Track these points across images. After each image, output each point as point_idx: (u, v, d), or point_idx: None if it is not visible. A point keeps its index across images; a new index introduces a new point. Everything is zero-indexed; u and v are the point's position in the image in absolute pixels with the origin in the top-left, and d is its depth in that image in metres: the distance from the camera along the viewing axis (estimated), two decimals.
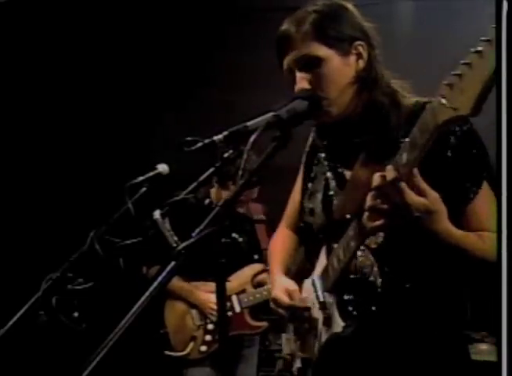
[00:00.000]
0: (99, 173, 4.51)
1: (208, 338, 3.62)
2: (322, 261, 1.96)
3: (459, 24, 4.14)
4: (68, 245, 2.27)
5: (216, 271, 1.44)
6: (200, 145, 1.59)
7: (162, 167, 2.32)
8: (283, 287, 2.04)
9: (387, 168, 1.53)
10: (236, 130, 1.58)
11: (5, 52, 4.53)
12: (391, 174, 1.51)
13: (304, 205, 2.04)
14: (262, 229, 3.83)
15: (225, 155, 1.57)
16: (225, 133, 1.59)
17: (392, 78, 1.86)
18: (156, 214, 1.57)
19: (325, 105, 1.79)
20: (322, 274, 1.93)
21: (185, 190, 1.66)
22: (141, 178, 2.25)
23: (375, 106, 1.83)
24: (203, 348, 3.61)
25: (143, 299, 1.30)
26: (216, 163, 1.59)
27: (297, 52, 1.80)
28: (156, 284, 1.32)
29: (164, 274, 1.32)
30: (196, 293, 3.65)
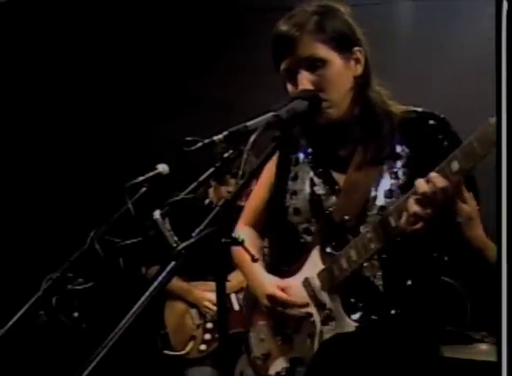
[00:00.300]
0: (99, 173, 4.51)
1: (207, 336, 3.62)
2: (316, 261, 1.93)
3: (459, 24, 4.13)
4: (68, 245, 2.27)
5: (216, 271, 1.43)
6: (200, 145, 1.59)
7: (162, 167, 2.32)
8: (274, 283, 2.01)
9: (432, 174, 1.56)
10: (236, 130, 1.58)
11: (5, 52, 4.53)
12: (441, 181, 1.55)
13: (286, 205, 2.01)
14: None
15: (225, 155, 1.57)
16: (225, 133, 1.58)
17: (377, 85, 1.88)
18: (156, 214, 1.56)
19: (325, 106, 1.79)
20: (320, 274, 1.92)
21: (184, 190, 1.66)
22: (141, 178, 2.25)
23: (370, 112, 1.85)
24: (203, 347, 3.61)
25: (143, 299, 1.30)
26: (216, 163, 1.59)
27: (300, 53, 1.80)
28: (156, 284, 1.32)
29: (164, 274, 1.32)
30: (194, 292, 3.65)
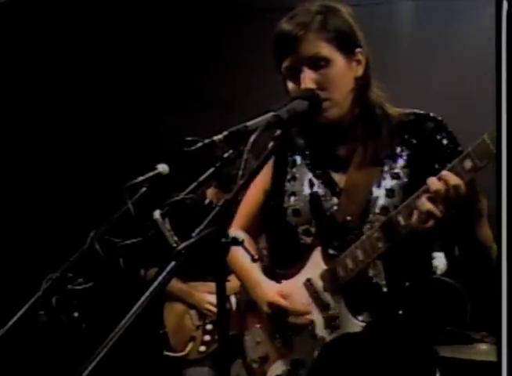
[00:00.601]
0: (99, 173, 4.51)
1: (207, 338, 3.62)
2: (317, 262, 1.93)
3: (460, 24, 4.13)
4: (68, 245, 2.27)
5: (216, 271, 1.43)
6: (200, 145, 1.59)
7: (162, 167, 2.32)
8: (275, 290, 1.98)
9: (445, 172, 1.57)
10: (236, 130, 1.58)
11: (5, 52, 4.52)
12: (454, 179, 1.55)
13: (284, 206, 1.99)
14: None
15: (225, 155, 1.57)
16: (225, 133, 1.58)
17: (375, 87, 1.89)
18: (156, 214, 1.56)
19: (326, 106, 1.79)
20: (322, 275, 1.92)
21: (184, 190, 1.66)
22: (141, 178, 2.24)
23: (369, 113, 1.85)
24: (202, 348, 3.61)
25: (143, 299, 1.30)
26: (216, 163, 1.59)
27: (304, 52, 1.80)
28: (156, 284, 1.31)
29: (164, 274, 1.32)
30: (193, 293, 3.65)
